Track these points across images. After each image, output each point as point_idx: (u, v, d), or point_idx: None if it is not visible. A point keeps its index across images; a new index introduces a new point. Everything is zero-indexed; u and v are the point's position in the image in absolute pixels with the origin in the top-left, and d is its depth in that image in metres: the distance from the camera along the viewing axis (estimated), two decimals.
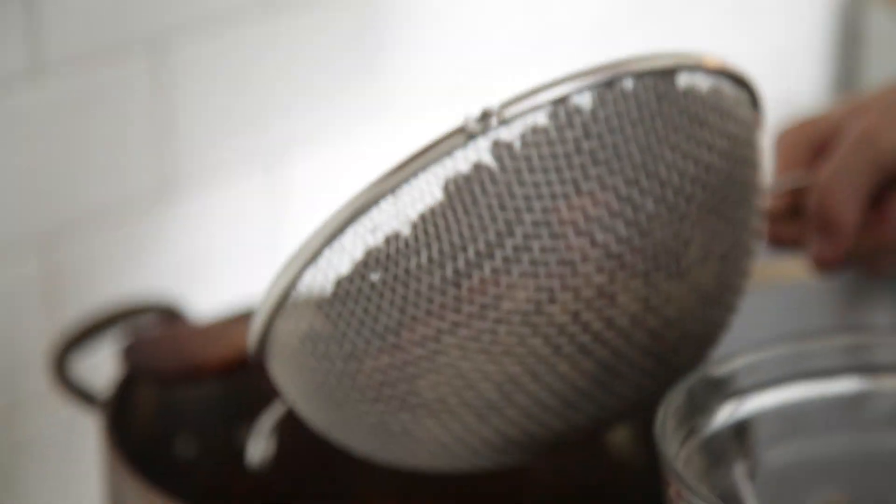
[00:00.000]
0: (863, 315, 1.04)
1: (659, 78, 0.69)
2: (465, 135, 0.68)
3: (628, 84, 0.69)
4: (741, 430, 0.74)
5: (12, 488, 1.05)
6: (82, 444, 1.06)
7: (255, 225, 1.16)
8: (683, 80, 0.70)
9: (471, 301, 0.67)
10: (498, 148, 0.67)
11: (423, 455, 0.73)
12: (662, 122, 0.69)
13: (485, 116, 0.68)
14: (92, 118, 1.05)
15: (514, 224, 0.67)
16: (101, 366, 1.01)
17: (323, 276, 0.69)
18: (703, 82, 0.71)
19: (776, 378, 0.75)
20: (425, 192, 0.68)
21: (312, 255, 0.69)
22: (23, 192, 1.03)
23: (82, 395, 0.93)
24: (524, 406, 0.70)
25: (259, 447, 0.87)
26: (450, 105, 1.08)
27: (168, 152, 1.09)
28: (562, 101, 0.68)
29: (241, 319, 0.91)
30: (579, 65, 0.69)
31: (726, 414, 0.73)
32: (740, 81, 0.73)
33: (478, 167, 0.67)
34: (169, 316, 0.97)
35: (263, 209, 1.16)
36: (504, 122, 0.67)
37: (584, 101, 0.68)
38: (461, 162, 0.67)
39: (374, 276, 0.68)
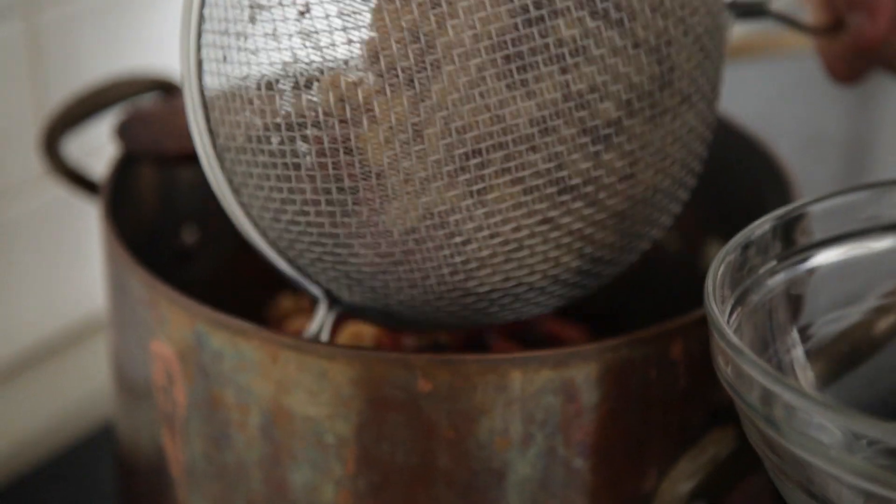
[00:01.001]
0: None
1: None
2: None
3: None
4: (796, 295, 0.69)
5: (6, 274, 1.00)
6: (81, 227, 1.00)
7: None
8: None
9: None
10: None
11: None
12: None
13: None
14: None
15: None
16: (99, 150, 0.95)
17: None
18: None
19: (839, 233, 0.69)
20: None
21: None
22: None
23: (78, 179, 0.87)
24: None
25: None
26: None
27: None
28: None
29: None
30: None
31: (781, 276, 0.68)
32: None
33: None
34: (168, 91, 0.90)
35: None
36: None
37: None
38: None
39: None
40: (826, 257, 0.69)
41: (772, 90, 1.33)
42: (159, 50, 1.02)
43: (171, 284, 0.74)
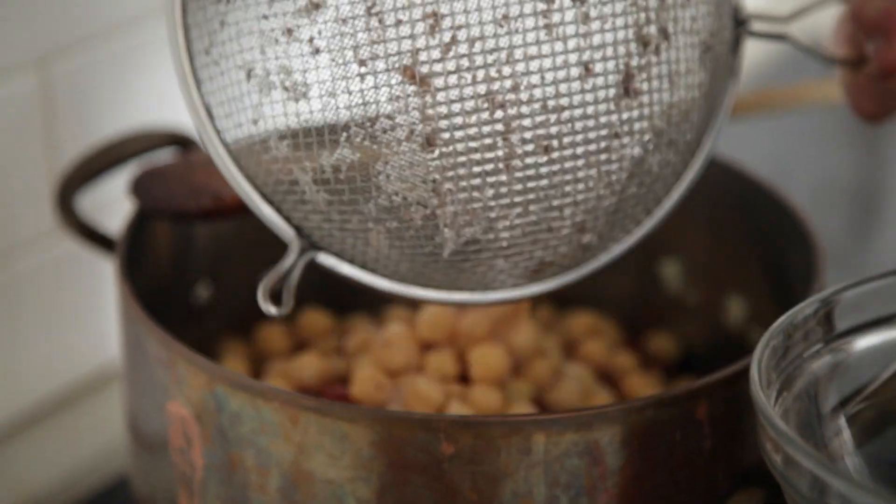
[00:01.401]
0: None
1: None
2: None
3: None
4: (840, 378, 0.68)
5: (18, 329, 0.99)
6: (94, 279, 1.00)
7: None
8: None
9: None
10: None
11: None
12: None
13: None
14: None
15: None
16: (113, 205, 0.94)
17: None
18: None
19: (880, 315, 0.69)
20: None
21: None
22: (23, 12, 0.94)
23: (91, 235, 0.86)
24: None
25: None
26: None
27: None
28: None
29: None
30: None
31: (824, 360, 0.67)
32: None
33: None
34: (184, 146, 0.90)
35: None
36: None
37: None
38: None
39: None
40: (869, 340, 0.69)
41: (781, 140, 1.32)
42: (174, 103, 1.02)
43: (187, 344, 0.74)
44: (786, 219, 0.82)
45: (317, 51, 0.66)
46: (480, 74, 0.65)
